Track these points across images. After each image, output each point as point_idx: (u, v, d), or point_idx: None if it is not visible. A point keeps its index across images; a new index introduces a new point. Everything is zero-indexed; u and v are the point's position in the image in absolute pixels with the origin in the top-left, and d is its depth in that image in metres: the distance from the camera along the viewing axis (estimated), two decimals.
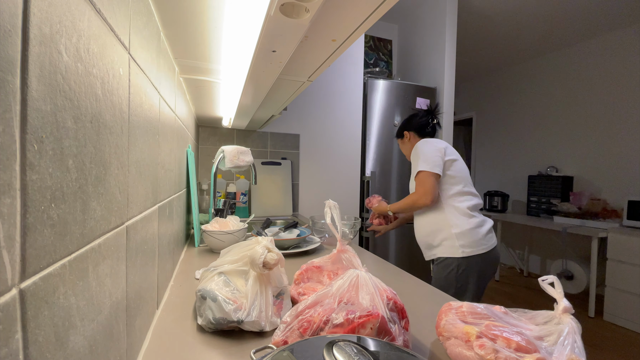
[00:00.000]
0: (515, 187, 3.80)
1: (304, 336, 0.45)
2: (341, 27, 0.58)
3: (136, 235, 0.44)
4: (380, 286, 0.50)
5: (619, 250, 2.32)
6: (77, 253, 0.26)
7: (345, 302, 0.47)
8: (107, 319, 0.32)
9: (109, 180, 0.33)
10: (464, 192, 1.23)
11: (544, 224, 2.83)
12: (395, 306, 0.49)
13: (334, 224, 0.65)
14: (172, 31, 0.64)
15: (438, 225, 1.24)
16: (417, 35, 2.75)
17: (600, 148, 2.98)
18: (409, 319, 0.50)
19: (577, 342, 0.41)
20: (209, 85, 1.01)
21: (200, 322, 0.54)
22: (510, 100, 3.89)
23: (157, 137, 0.58)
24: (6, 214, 0.17)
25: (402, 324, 0.49)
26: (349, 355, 0.31)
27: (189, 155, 1.11)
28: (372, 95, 2.31)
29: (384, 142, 2.34)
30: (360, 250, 1.18)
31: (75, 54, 0.25)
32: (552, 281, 0.47)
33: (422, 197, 1.21)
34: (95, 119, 0.29)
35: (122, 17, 0.36)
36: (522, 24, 2.83)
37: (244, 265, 0.58)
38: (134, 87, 0.41)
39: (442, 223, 1.23)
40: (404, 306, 0.50)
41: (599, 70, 3.00)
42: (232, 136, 1.95)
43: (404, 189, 2.40)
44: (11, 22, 0.17)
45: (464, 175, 1.25)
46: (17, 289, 0.18)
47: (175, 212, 0.86)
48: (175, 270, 0.87)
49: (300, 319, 0.47)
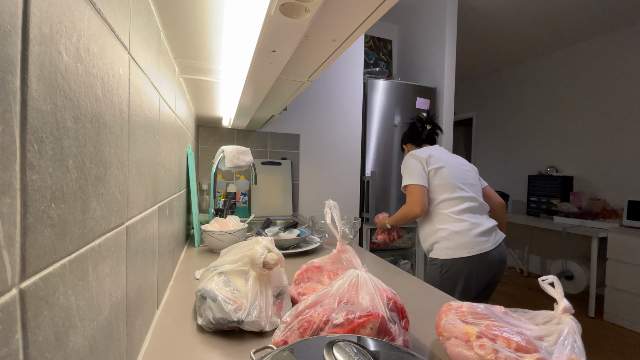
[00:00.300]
0: (515, 187, 3.80)
1: (304, 336, 0.45)
2: (341, 27, 0.58)
3: (136, 235, 0.44)
4: (380, 286, 0.50)
5: (619, 250, 2.32)
6: (77, 253, 0.26)
7: (345, 302, 0.47)
8: (107, 319, 0.32)
9: (109, 180, 0.33)
10: (452, 197, 1.27)
11: (544, 224, 2.83)
12: (395, 306, 0.49)
13: (333, 224, 0.65)
14: (172, 31, 0.64)
15: (429, 230, 1.31)
16: (417, 35, 2.75)
17: (600, 148, 2.98)
18: (409, 319, 0.50)
19: (577, 342, 0.41)
20: (209, 85, 1.01)
21: (200, 322, 0.54)
22: (510, 100, 3.89)
23: (157, 137, 0.58)
24: (6, 214, 0.17)
25: (402, 324, 0.49)
26: (349, 355, 0.31)
27: (189, 155, 1.11)
28: (372, 95, 2.31)
29: (384, 142, 2.34)
30: (360, 250, 1.18)
31: (75, 54, 0.25)
32: (552, 281, 0.47)
33: (412, 207, 1.27)
34: (95, 119, 0.29)
35: (122, 17, 0.36)
36: (522, 24, 2.83)
37: (244, 265, 0.58)
38: (134, 87, 0.41)
39: (431, 228, 1.29)
40: (404, 306, 0.50)
41: (599, 70, 3.00)
42: (232, 136, 1.95)
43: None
44: (11, 22, 0.17)
45: (450, 181, 1.28)
46: (17, 289, 0.18)
47: (175, 212, 0.86)
48: (175, 270, 0.87)
49: (300, 319, 0.47)
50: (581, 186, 3.10)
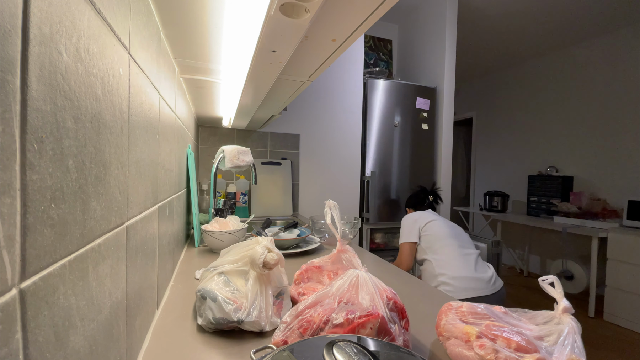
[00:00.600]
0: (515, 187, 3.80)
1: (304, 336, 0.45)
2: (341, 27, 0.58)
3: (136, 235, 0.44)
4: (380, 286, 0.50)
5: (619, 250, 2.32)
6: (77, 253, 0.26)
7: (345, 302, 0.47)
8: (107, 319, 0.32)
9: (109, 180, 0.33)
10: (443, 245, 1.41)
11: (544, 224, 2.83)
12: (395, 306, 0.49)
13: (333, 224, 0.65)
14: (172, 31, 0.64)
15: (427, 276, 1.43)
16: (417, 35, 2.75)
17: (600, 148, 2.98)
18: (409, 319, 0.50)
19: (577, 342, 0.41)
20: (209, 85, 1.01)
21: (200, 322, 0.54)
22: (510, 100, 3.89)
23: (157, 137, 0.58)
24: (6, 214, 0.17)
25: (402, 324, 0.49)
26: (349, 355, 0.31)
27: (189, 155, 1.11)
28: (372, 95, 2.31)
29: (384, 142, 2.34)
30: (360, 250, 1.18)
31: (75, 54, 0.25)
32: (552, 281, 0.47)
33: (400, 265, 1.47)
34: (95, 119, 0.29)
35: (122, 17, 0.36)
36: (522, 24, 2.83)
37: (244, 265, 0.58)
38: (134, 87, 0.41)
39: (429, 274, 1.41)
40: (404, 306, 0.50)
41: (599, 70, 3.00)
42: (232, 136, 1.95)
43: (404, 189, 2.40)
44: (11, 22, 0.17)
45: (439, 232, 1.44)
46: (17, 289, 0.18)
47: (175, 212, 0.86)
48: (175, 270, 0.87)
49: (300, 319, 0.47)
50: (581, 186, 3.10)
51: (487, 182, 4.22)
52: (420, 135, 2.45)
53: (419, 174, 2.45)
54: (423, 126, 2.46)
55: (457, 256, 1.34)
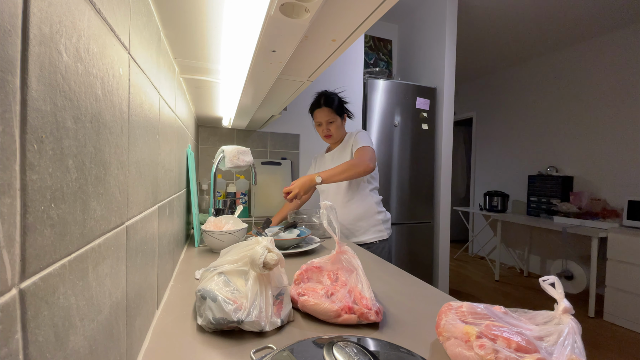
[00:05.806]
0: (515, 187, 3.80)
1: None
2: (341, 27, 0.58)
3: (136, 235, 0.44)
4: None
5: (618, 250, 2.32)
6: (77, 253, 0.26)
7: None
8: (107, 319, 0.32)
9: (108, 180, 0.33)
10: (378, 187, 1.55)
11: (544, 224, 2.83)
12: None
13: (330, 226, 0.65)
14: (172, 31, 0.64)
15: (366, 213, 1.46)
16: (417, 35, 2.75)
17: (600, 148, 2.98)
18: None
19: (577, 342, 0.41)
20: (209, 85, 1.00)
21: (200, 322, 0.54)
22: (510, 100, 3.89)
23: (157, 137, 0.58)
24: (6, 214, 0.17)
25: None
26: (349, 356, 0.31)
27: (189, 155, 1.11)
28: (372, 95, 2.31)
29: (384, 142, 2.34)
30: (360, 250, 1.18)
31: (75, 54, 0.25)
32: (553, 281, 0.47)
33: (367, 161, 1.30)
34: (95, 119, 0.29)
35: (122, 17, 0.36)
36: (522, 24, 2.83)
37: (244, 265, 0.58)
38: (133, 87, 0.41)
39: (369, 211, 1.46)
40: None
41: (599, 70, 3.00)
42: (232, 136, 1.95)
43: (404, 189, 2.40)
44: (11, 22, 0.17)
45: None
46: (17, 289, 0.18)
47: (175, 212, 0.86)
48: (175, 270, 0.87)
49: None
50: (581, 186, 3.10)
51: (487, 182, 4.21)
52: (420, 135, 2.45)
53: (418, 174, 2.45)
54: (423, 126, 2.46)
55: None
